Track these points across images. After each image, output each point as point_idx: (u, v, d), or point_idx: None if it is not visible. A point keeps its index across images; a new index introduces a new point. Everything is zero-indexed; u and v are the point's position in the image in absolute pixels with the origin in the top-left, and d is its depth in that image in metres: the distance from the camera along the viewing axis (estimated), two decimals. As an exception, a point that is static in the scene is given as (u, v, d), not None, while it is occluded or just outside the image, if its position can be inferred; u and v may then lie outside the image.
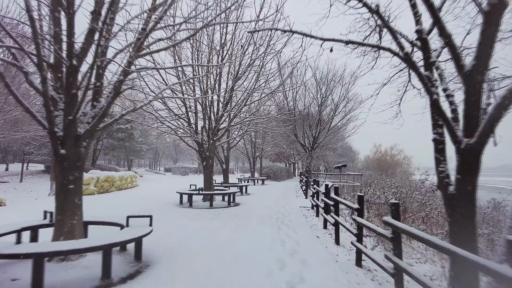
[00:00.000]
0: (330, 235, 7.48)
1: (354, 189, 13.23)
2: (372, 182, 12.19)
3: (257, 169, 33.84)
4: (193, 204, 11.92)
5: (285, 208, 11.48)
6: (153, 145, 59.81)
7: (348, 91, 20.77)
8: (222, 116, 11.71)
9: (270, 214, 10.16)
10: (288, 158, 44.62)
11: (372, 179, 13.59)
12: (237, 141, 18.19)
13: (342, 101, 21.07)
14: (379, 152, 49.35)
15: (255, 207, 11.56)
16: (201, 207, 11.47)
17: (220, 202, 12.73)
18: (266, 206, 12.03)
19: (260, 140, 27.31)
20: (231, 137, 15.49)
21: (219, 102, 12.13)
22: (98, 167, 33.39)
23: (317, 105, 20.82)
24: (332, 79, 20.02)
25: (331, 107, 21.35)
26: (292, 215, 10.07)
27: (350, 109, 21.73)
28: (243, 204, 12.50)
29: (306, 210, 11.31)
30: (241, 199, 13.93)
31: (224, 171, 16.80)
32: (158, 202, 12.64)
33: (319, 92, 20.46)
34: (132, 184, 23.07)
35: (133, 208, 11.15)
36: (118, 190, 20.12)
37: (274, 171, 31.84)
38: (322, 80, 20.34)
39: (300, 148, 27.01)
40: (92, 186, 17.41)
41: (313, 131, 21.66)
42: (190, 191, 11.91)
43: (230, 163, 77.14)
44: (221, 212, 10.40)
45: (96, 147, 34.05)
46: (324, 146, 23.98)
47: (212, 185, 12.36)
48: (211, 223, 8.47)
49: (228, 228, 7.80)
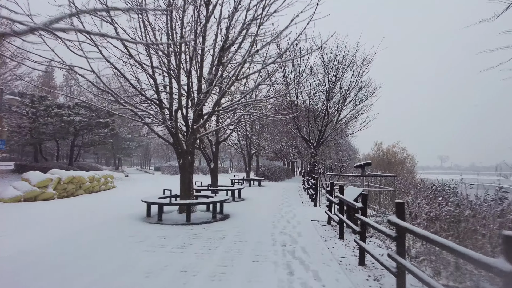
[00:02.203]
0: (379, 285, 4.26)
1: (385, 196, 10.02)
2: (406, 186, 9.04)
3: (253, 168, 30.56)
4: (165, 217, 8.67)
5: (291, 224, 8.25)
6: (143, 143, 56.22)
7: (361, 76, 17.60)
8: (206, 94, 8.41)
9: (272, 235, 6.92)
10: (286, 156, 41.41)
11: (406, 183, 10.41)
12: (228, 133, 14.80)
13: (353, 88, 17.89)
14: (381, 150, 46.47)
15: (250, 222, 8.32)
16: (175, 222, 8.20)
17: (203, 213, 9.46)
18: (265, 219, 8.80)
19: (256, 136, 24.00)
20: (221, 125, 12.09)
21: (201, 77, 8.85)
22: (77, 166, 30.00)
23: (325, 93, 17.56)
24: (342, 61, 16.79)
25: (340, 94, 18.12)
26: (304, 237, 6.84)
27: (361, 98, 18.55)
28: (234, 216, 9.25)
29: (321, 227, 8.09)
30: (232, 208, 10.69)
31: (212, 171, 13.50)
32: (121, 214, 9.39)
33: (326, 77, 17.23)
34: (106, 186, 19.72)
35: (77, 223, 7.86)
36: (88, 193, 16.85)
37: (272, 170, 28.57)
38: (330, 64, 17.14)
39: (301, 144, 23.80)
40: (51, 189, 14.09)
41: (318, 123, 18.42)
42: (160, 200, 8.61)
43: (224, 161, 73.96)
44: (201, 232, 7.13)
45: (74, 144, 30.55)
46: (331, 142, 20.82)
47: (191, 190, 9.09)
48: (180, 257, 5.20)
49: (204, 271, 4.56)
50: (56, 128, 25.82)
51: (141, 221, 8.30)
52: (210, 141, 13.73)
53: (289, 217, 9.17)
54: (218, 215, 9.29)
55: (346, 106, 18.44)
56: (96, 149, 41.78)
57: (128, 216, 9.10)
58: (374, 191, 9.28)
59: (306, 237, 6.81)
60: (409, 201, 7.39)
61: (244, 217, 9.08)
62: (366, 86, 18.07)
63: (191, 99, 9.04)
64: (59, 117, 25.84)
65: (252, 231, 7.26)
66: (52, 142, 32.29)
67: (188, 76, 8.61)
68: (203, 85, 8.69)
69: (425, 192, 8.14)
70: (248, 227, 7.63)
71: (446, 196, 7.06)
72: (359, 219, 5.32)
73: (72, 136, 29.26)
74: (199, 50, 8.81)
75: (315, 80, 17.25)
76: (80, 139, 32.92)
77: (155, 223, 8.15)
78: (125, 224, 7.92)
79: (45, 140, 28.13)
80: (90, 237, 6.53)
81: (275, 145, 28.77)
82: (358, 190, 7.51)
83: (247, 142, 23.36)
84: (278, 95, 11.84)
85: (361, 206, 5.25)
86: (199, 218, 8.74)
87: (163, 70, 8.69)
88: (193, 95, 9.21)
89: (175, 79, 8.34)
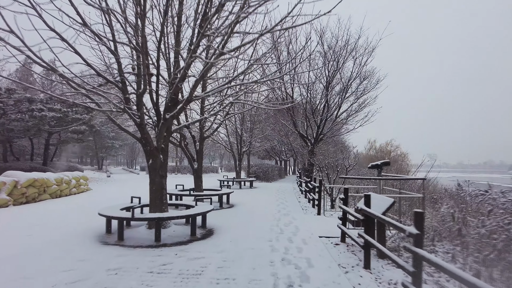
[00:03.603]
0: None
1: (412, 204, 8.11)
2: (436, 191, 7.22)
3: (244, 167, 28.51)
4: (129, 234, 6.59)
5: (294, 243, 6.26)
6: (128, 141, 53.41)
7: (364, 65, 15.71)
8: (183, 72, 6.33)
9: (272, 266, 4.90)
10: (279, 155, 39.52)
11: (436, 188, 8.58)
12: (215, 128, 12.63)
13: (355, 79, 16.01)
14: (374, 148, 45.13)
15: (240, 242, 6.30)
16: (140, 242, 6.12)
17: (179, 227, 7.39)
18: (260, 236, 6.79)
19: (247, 134, 21.93)
20: (205, 116, 9.91)
21: (178, 53, 6.77)
22: (53, 166, 27.47)
23: (324, 83, 15.61)
24: (344, 46, 14.85)
25: (340, 86, 16.19)
26: (317, 268, 4.85)
27: (363, 90, 16.68)
28: (219, 231, 7.21)
29: (333, 247, 6.14)
30: (218, 218, 8.66)
31: (195, 172, 11.40)
32: (76, 228, 7.30)
33: (326, 66, 15.28)
34: (79, 189, 17.41)
35: (6, 247, 5.70)
36: (55, 198, 14.58)
37: (264, 170, 26.59)
38: (330, 51, 15.21)
39: (295, 142, 21.89)
40: (4, 194, 11.83)
41: (317, 118, 16.48)
42: (120, 214, 6.50)
43: (213, 160, 71.51)
44: (172, 261, 5.07)
45: (48, 142, 27.93)
46: (329, 139, 19.00)
47: (163, 199, 7.01)
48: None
49: None
50: (27, 124, 23.33)
51: (96, 241, 6.20)
52: (194, 136, 11.62)
53: (290, 232, 7.18)
54: (200, 230, 7.25)
55: (347, 98, 16.51)
56: (75, 148, 39.03)
57: (84, 232, 6.99)
58: (399, 197, 7.36)
59: (320, 268, 4.82)
60: (454, 214, 5.52)
61: (233, 233, 7.06)
62: (369, 77, 16.20)
63: (168, 80, 6.94)
64: (31, 112, 23.37)
65: (242, 257, 5.24)
66: (26, 140, 29.66)
67: (158, 48, 6.51)
68: (181, 61, 6.62)
69: (470, 200, 6.29)
70: (237, 251, 5.61)
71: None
72: (411, 252, 3.38)
73: (46, 133, 26.71)
74: (174, 12, 6.72)
75: (313, 69, 15.25)
76: (57, 137, 30.28)
77: (114, 244, 6.07)
78: (71, 246, 5.82)
79: (15, 138, 25.54)
80: (6, 272, 4.43)
81: (267, 142, 26.80)
82: (386, 200, 5.59)
83: (237, 139, 21.28)
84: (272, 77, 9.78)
85: (417, 233, 3.31)
86: (174, 236, 6.68)
87: (127, 44, 6.58)
88: (169, 76, 7.10)
89: (137, 50, 6.23)
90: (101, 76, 6.68)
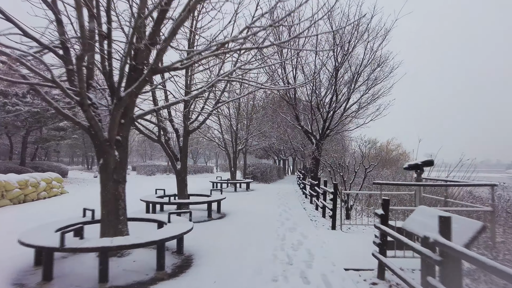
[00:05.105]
0: None
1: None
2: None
3: (240, 167, 26.33)
4: (68, 268, 4.41)
5: (312, 284, 4.13)
6: (119, 140, 50.80)
7: (377, 51, 13.62)
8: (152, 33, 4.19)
9: None
10: (277, 154, 37.42)
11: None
12: (202, 119, 10.26)
13: (366, 66, 13.90)
14: (374, 147, 43.31)
15: (230, 285, 4.16)
16: (76, 284, 3.96)
17: (143, 254, 5.22)
18: (258, 270, 4.64)
19: (243, 131, 19.73)
20: (187, 96, 7.50)
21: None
22: (32, 166, 25.14)
23: (332, 70, 13.46)
24: (356, 30, 12.73)
25: (349, 74, 14.08)
26: None
27: (375, 79, 14.59)
28: (199, 262, 5.01)
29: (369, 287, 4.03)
30: (202, 237, 6.49)
31: (178, 173, 9.20)
32: (1, 254, 5.13)
33: (334, 50, 13.17)
34: (50, 192, 15.17)
35: None
36: (17, 204, 12.37)
37: (262, 170, 24.42)
38: (339, 33, 13.11)
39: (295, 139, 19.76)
40: None
41: (323, 111, 14.33)
42: (48, 243, 4.28)
43: (209, 159, 69.18)
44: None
45: (26, 140, 25.56)
46: (337, 134, 16.92)
47: (119, 213, 4.84)
48: None
49: None
50: (4, 121, 21.10)
51: (7, 284, 4.04)
52: (177, 130, 9.43)
53: (302, 262, 5.01)
54: (173, 258, 5.09)
55: (358, 88, 14.37)
56: (59, 147, 36.54)
57: (4, 260, 4.82)
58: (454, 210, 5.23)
59: None
60: None
61: (220, 263, 4.89)
62: (383, 63, 14.08)
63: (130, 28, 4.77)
64: (3, 106, 21.09)
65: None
66: (5, 138, 27.32)
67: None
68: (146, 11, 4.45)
69: None
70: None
71: None
72: None
73: (24, 130, 24.40)
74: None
75: (320, 50, 13.11)
76: (37, 134, 27.90)
77: (36, 286, 3.91)
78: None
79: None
80: None
81: (265, 140, 24.64)
82: (465, 223, 3.47)
83: (232, 136, 19.06)
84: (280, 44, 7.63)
85: None
86: (132, 270, 4.51)
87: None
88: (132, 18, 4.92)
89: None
90: (29, 37, 4.50)
